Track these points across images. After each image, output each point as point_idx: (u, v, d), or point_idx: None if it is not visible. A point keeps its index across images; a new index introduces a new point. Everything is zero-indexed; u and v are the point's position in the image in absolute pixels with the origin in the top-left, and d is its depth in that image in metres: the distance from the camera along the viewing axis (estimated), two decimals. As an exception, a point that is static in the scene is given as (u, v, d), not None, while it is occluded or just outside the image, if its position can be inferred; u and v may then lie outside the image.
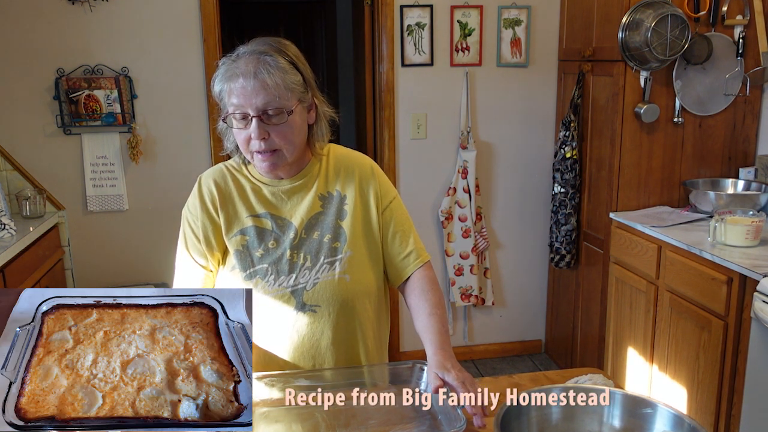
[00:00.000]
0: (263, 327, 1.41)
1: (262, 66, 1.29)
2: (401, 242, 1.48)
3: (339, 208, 1.45)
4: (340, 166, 1.49)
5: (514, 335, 3.79)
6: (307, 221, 1.43)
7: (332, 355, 1.42)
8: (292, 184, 1.44)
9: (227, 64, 1.33)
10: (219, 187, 1.44)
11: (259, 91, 1.28)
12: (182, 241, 1.47)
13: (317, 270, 1.40)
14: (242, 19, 5.45)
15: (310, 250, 1.41)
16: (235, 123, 1.33)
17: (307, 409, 1.27)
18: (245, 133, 1.33)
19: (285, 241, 1.41)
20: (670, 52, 2.74)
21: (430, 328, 1.38)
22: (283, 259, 1.40)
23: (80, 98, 3.05)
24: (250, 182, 1.46)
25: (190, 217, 1.45)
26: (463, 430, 1.12)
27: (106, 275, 3.26)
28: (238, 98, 1.30)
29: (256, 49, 1.32)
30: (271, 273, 1.40)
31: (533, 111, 3.52)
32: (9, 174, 3.09)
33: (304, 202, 1.44)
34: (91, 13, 3.04)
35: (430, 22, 3.30)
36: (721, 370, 2.35)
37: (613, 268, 3.01)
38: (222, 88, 1.33)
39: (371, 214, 1.47)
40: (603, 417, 1.21)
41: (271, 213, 1.43)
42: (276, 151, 1.35)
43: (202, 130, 3.24)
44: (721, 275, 2.31)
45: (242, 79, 1.29)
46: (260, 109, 1.30)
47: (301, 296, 1.40)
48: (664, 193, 3.02)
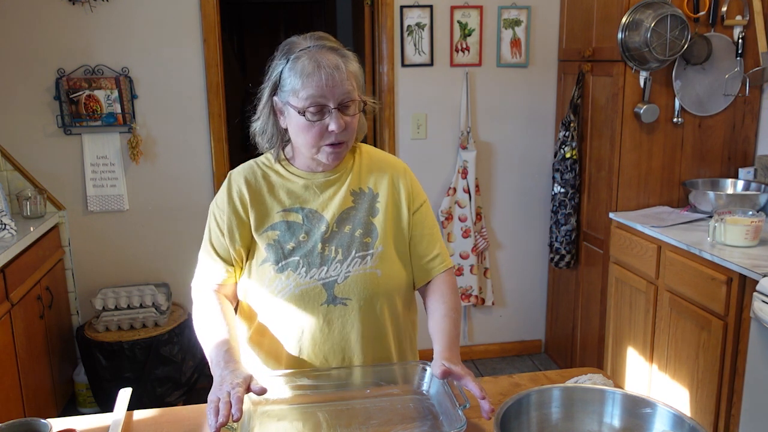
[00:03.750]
0: (293, 319, 1.41)
1: (342, 59, 1.33)
2: (428, 245, 1.50)
3: (371, 205, 1.46)
4: (374, 165, 1.51)
5: (514, 335, 3.80)
6: (339, 215, 1.44)
7: (362, 350, 1.42)
8: (326, 178, 1.46)
9: (302, 58, 1.33)
10: (249, 185, 1.46)
11: (342, 83, 1.32)
12: (207, 235, 1.50)
13: (348, 263, 1.41)
14: (242, 19, 5.45)
15: (342, 244, 1.42)
16: (310, 116, 1.33)
17: (309, 409, 1.27)
18: (319, 126, 1.34)
19: (316, 233, 1.42)
20: (669, 53, 2.75)
21: (443, 330, 1.40)
22: (314, 252, 1.41)
23: (81, 98, 3.05)
24: (282, 177, 1.47)
25: (217, 212, 1.48)
26: (464, 430, 1.12)
27: (107, 275, 3.26)
28: (318, 90, 1.31)
29: (326, 44, 1.35)
30: (303, 265, 1.40)
31: (533, 111, 3.52)
32: (9, 174, 3.09)
33: (336, 197, 1.45)
34: (91, 13, 3.04)
35: (430, 23, 3.30)
36: (721, 370, 2.36)
37: (612, 268, 3.01)
38: (296, 82, 1.32)
39: (402, 214, 1.49)
40: (603, 417, 1.21)
41: (302, 206, 1.44)
42: (343, 143, 1.38)
43: (202, 130, 3.24)
44: (720, 275, 2.31)
45: (324, 71, 1.30)
46: (340, 100, 1.32)
47: (332, 289, 1.40)
48: (664, 193, 3.02)
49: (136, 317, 3.02)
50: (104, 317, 3.01)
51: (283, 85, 1.36)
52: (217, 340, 1.36)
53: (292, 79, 1.34)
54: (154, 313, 3.04)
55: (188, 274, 3.71)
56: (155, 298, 3.05)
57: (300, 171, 1.46)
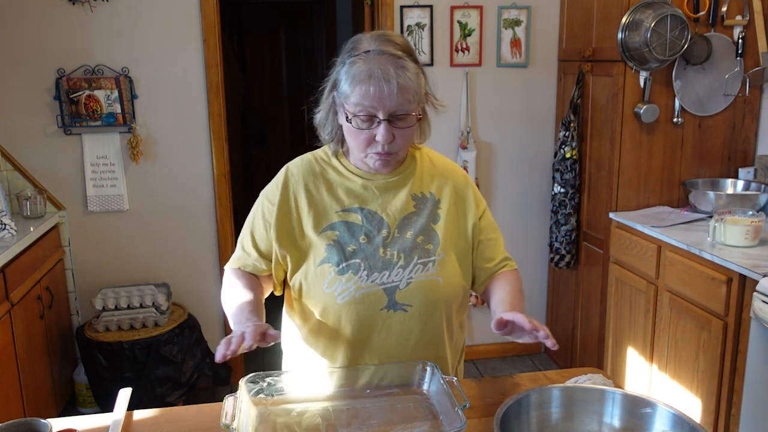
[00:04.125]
0: (351, 322, 1.39)
1: (398, 70, 1.27)
2: (494, 249, 1.49)
3: (433, 211, 1.44)
4: (436, 170, 1.49)
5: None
6: (400, 220, 1.42)
7: (418, 356, 1.41)
8: (387, 180, 1.43)
9: (358, 63, 1.29)
10: (308, 183, 1.44)
11: (393, 95, 1.27)
12: (250, 222, 1.48)
13: (411, 269, 1.39)
14: (242, 19, 5.45)
15: (404, 249, 1.40)
16: (358, 123, 1.31)
17: (309, 409, 1.27)
18: (367, 134, 1.32)
19: (377, 237, 1.40)
20: (669, 53, 2.75)
21: (506, 300, 1.39)
22: (376, 255, 1.39)
23: (81, 98, 3.05)
24: (340, 174, 1.45)
25: (267, 204, 1.45)
26: (464, 430, 1.12)
27: (107, 275, 3.26)
28: (369, 100, 1.28)
29: (387, 50, 1.30)
30: (364, 268, 1.38)
31: (533, 111, 3.52)
32: (9, 174, 3.09)
33: (396, 200, 1.43)
34: (91, 13, 3.04)
35: (430, 23, 3.30)
36: (721, 369, 2.36)
37: (612, 268, 3.01)
38: (350, 88, 1.30)
39: (467, 221, 1.47)
40: (602, 417, 1.21)
41: (361, 206, 1.42)
42: (392, 153, 1.36)
43: (202, 130, 3.24)
44: (720, 275, 2.31)
45: (376, 81, 1.27)
46: (391, 112, 1.29)
47: (393, 294, 1.39)
48: (664, 193, 3.02)
49: (136, 317, 3.02)
50: (104, 317, 3.01)
51: (339, 86, 1.34)
52: (240, 302, 1.37)
53: (345, 83, 1.31)
54: (154, 313, 3.04)
55: (188, 274, 3.71)
56: (155, 298, 3.05)
57: (358, 170, 1.44)
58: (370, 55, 1.29)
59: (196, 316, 3.27)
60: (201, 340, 3.19)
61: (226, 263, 1.54)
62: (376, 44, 1.31)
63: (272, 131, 5.63)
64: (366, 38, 1.34)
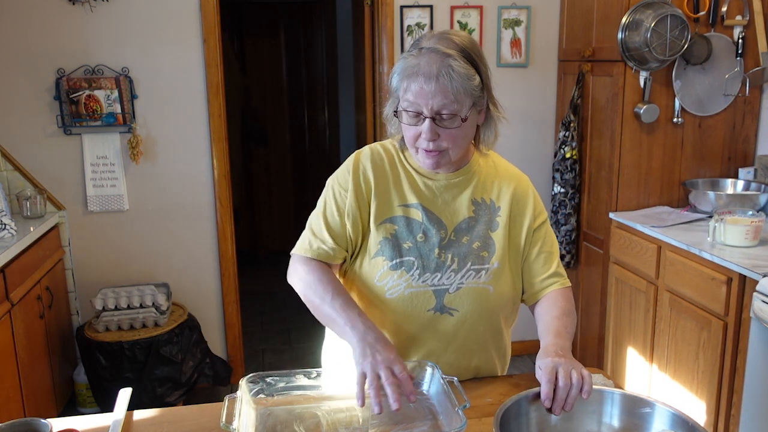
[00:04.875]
0: (397, 320, 1.38)
1: (445, 69, 1.26)
2: (546, 263, 1.45)
3: (491, 218, 1.43)
4: (498, 176, 1.47)
5: (514, 335, 3.76)
6: (458, 224, 1.41)
7: (457, 362, 1.41)
8: (448, 181, 1.42)
9: (409, 58, 1.30)
10: (377, 172, 1.43)
11: (437, 93, 1.26)
12: (321, 208, 1.45)
13: (463, 274, 1.39)
14: (242, 19, 5.45)
15: (458, 253, 1.39)
16: (407, 118, 1.32)
17: (309, 409, 1.27)
18: (415, 130, 1.32)
19: (433, 237, 1.39)
20: (669, 53, 2.75)
21: (551, 326, 1.34)
22: (431, 256, 1.38)
23: (81, 98, 3.05)
24: (405, 170, 1.44)
25: (338, 189, 1.43)
26: (464, 430, 1.12)
27: (107, 275, 3.26)
28: (414, 96, 1.28)
29: (439, 48, 1.28)
30: (417, 267, 1.37)
31: (533, 111, 3.52)
32: (9, 174, 3.09)
33: (456, 202, 1.42)
34: (91, 13, 3.04)
35: (430, 23, 3.30)
36: (721, 369, 2.36)
37: (612, 268, 3.01)
38: (399, 82, 1.31)
39: (522, 230, 1.44)
40: (602, 417, 1.22)
41: (422, 204, 1.41)
42: (440, 152, 1.34)
43: (202, 130, 3.24)
44: (720, 275, 2.31)
45: (422, 78, 1.27)
46: (435, 111, 1.28)
47: (442, 297, 1.38)
48: (664, 193, 3.02)
49: (136, 317, 3.02)
50: (104, 317, 3.01)
51: (392, 80, 1.35)
52: (341, 298, 1.33)
53: (396, 77, 1.32)
54: (154, 313, 3.04)
55: (188, 274, 3.71)
56: (155, 298, 3.05)
57: (421, 168, 1.43)
58: (423, 52, 1.29)
59: (196, 316, 3.27)
60: (201, 340, 3.19)
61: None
62: (433, 42, 1.31)
63: (272, 131, 5.63)
64: (428, 36, 1.34)
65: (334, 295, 1.34)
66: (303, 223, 1.49)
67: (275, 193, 5.73)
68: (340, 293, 1.35)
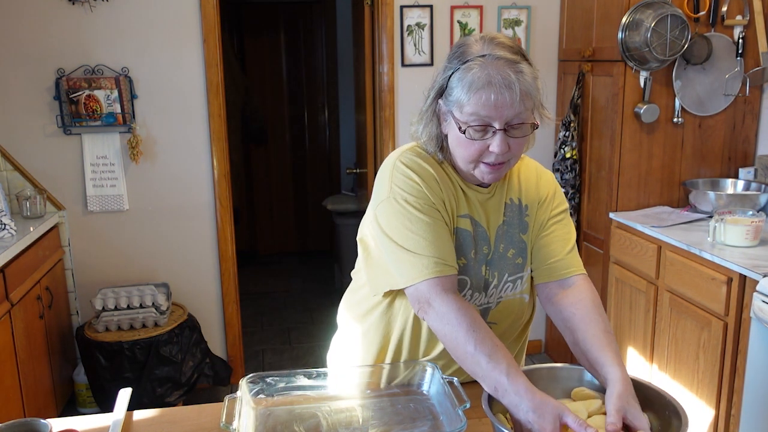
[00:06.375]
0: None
1: (518, 76, 1.19)
2: (562, 246, 1.37)
3: (521, 219, 1.38)
4: (522, 174, 1.42)
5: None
6: (496, 233, 1.36)
7: None
8: (488, 190, 1.36)
9: (474, 69, 1.20)
10: (440, 177, 1.31)
11: (513, 104, 1.19)
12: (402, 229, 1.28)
13: (501, 288, 1.37)
14: (242, 18, 5.45)
15: (498, 267, 1.36)
16: (472, 133, 1.22)
17: (309, 409, 1.27)
18: (480, 144, 1.23)
19: (482, 252, 1.34)
20: (669, 52, 2.75)
21: (611, 348, 1.24)
22: (479, 275, 1.34)
23: (80, 98, 3.05)
24: (454, 177, 1.35)
25: (413, 199, 1.28)
26: (464, 430, 1.12)
27: (106, 275, 3.26)
28: (486, 109, 1.19)
29: (504, 55, 1.20)
30: (469, 287, 1.34)
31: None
32: (9, 174, 3.09)
33: (493, 211, 1.36)
34: (91, 13, 3.04)
35: (430, 23, 3.30)
36: (721, 369, 2.36)
37: (613, 268, 3.01)
38: (463, 95, 1.21)
39: (539, 218, 1.39)
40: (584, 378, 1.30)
41: (471, 216, 1.34)
42: (504, 163, 1.27)
43: (202, 130, 3.24)
44: (720, 275, 2.31)
45: (497, 88, 1.18)
46: (508, 121, 1.21)
47: (487, 315, 1.37)
48: (664, 193, 3.02)
49: (136, 317, 3.02)
50: (104, 317, 3.01)
51: (450, 93, 1.24)
52: (507, 362, 1.17)
53: (459, 90, 1.22)
54: (154, 313, 3.04)
55: (188, 274, 3.71)
56: (155, 298, 3.05)
57: (459, 177, 1.34)
58: (486, 60, 1.20)
59: (196, 316, 3.27)
60: (201, 340, 3.19)
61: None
62: (489, 48, 1.21)
63: (272, 131, 5.63)
64: (475, 41, 1.24)
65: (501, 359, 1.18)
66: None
67: (275, 193, 5.73)
68: (504, 355, 1.19)
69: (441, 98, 1.29)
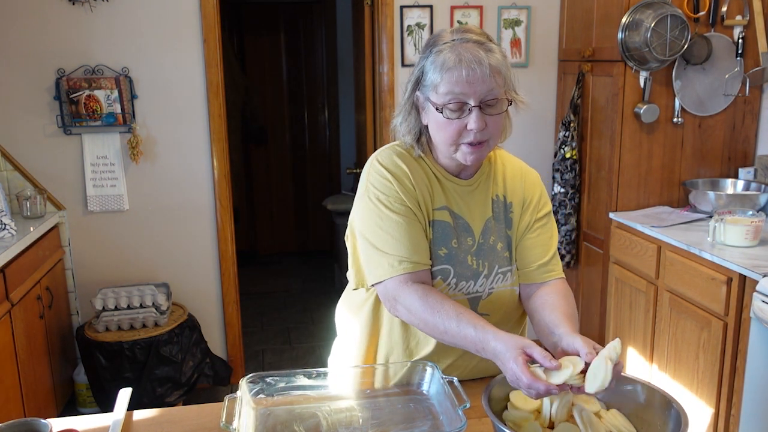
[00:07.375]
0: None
1: (488, 54, 1.25)
2: (542, 251, 1.42)
3: (506, 216, 1.43)
4: (508, 172, 1.46)
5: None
6: (483, 226, 1.40)
7: (485, 363, 1.38)
8: (468, 182, 1.40)
9: (444, 52, 1.26)
10: (413, 172, 1.36)
11: (484, 78, 1.24)
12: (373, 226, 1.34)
13: (492, 279, 1.39)
14: (242, 18, 5.45)
15: (488, 257, 1.39)
16: (449, 113, 1.28)
17: (309, 409, 1.27)
18: (458, 124, 1.28)
19: (465, 242, 1.38)
20: (669, 53, 2.75)
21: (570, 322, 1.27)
22: (465, 263, 1.37)
23: (80, 98, 3.05)
24: (431, 170, 1.39)
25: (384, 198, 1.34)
26: (464, 430, 1.12)
27: (107, 275, 3.26)
28: (458, 86, 1.25)
29: (470, 37, 1.27)
30: (453, 276, 1.37)
31: (533, 111, 3.52)
32: (9, 174, 3.09)
33: (478, 204, 1.41)
34: (91, 13, 3.04)
35: (430, 23, 3.30)
36: (721, 369, 2.36)
37: (612, 268, 3.01)
38: (436, 76, 1.27)
39: (524, 219, 1.43)
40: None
41: (449, 208, 1.38)
42: (483, 143, 1.31)
43: (202, 130, 3.24)
44: (720, 275, 2.31)
45: (466, 65, 1.24)
46: (482, 97, 1.26)
47: (476, 304, 1.39)
48: (664, 193, 3.02)
49: (136, 317, 3.02)
50: (104, 317, 3.01)
51: (425, 79, 1.31)
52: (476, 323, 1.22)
53: (432, 74, 1.28)
54: (154, 313, 3.04)
55: (188, 274, 3.71)
56: (155, 298, 3.05)
57: (442, 169, 1.39)
58: (455, 43, 1.27)
59: (196, 316, 3.27)
60: (201, 340, 3.19)
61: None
62: (458, 35, 1.29)
63: (272, 131, 5.63)
64: (445, 32, 1.32)
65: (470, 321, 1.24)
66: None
67: (275, 193, 5.73)
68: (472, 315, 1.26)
69: (418, 89, 1.34)
